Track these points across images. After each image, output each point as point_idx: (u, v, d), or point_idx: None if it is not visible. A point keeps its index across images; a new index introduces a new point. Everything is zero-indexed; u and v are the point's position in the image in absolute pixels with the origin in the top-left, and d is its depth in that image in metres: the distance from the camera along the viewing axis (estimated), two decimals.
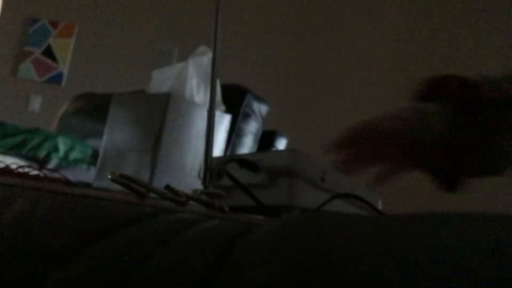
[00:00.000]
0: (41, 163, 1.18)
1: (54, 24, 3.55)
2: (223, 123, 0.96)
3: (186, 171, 0.82)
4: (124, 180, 0.34)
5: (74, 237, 0.23)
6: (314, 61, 3.25)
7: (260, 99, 1.71)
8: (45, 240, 0.23)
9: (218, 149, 0.93)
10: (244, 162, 0.51)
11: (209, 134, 0.50)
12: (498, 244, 0.15)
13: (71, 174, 1.15)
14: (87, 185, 0.92)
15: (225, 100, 1.03)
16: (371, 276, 0.15)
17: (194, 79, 0.86)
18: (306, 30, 3.29)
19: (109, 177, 0.34)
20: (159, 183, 0.77)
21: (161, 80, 0.87)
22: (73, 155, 1.22)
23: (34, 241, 0.23)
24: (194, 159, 0.84)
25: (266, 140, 1.81)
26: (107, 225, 0.24)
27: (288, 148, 0.79)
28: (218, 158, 0.53)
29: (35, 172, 0.75)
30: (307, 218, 0.20)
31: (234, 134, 1.61)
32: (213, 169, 0.50)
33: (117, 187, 0.68)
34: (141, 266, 0.21)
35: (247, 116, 1.66)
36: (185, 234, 0.23)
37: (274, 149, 1.84)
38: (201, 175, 0.49)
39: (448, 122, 0.59)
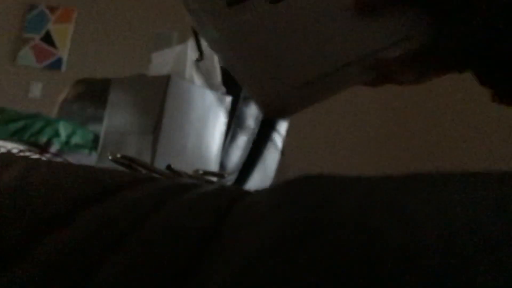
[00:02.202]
0: (43, 148, 1.18)
1: (53, 10, 3.53)
2: (223, 105, 0.96)
3: (187, 153, 0.82)
4: (125, 161, 0.34)
5: (70, 201, 0.23)
6: None
7: None
8: (41, 204, 0.22)
9: (219, 132, 0.93)
10: None
11: None
12: (503, 200, 0.15)
13: (72, 159, 1.15)
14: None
15: (225, 82, 1.02)
16: (371, 233, 0.14)
17: (192, 61, 0.86)
18: None
19: (110, 157, 0.34)
20: (161, 165, 0.77)
21: (160, 63, 0.87)
22: (75, 140, 1.22)
23: (30, 205, 0.22)
24: (195, 140, 0.84)
25: (267, 123, 1.81)
26: (104, 189, 0.23)
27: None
28: None
29: (36, 157, 0.75)
30: (307, 179, 0.19)
31: (235, 117, 1.61)
32: None
33: (119, 168, 0.68)
34: (139, 226, 0.21)
35: (247, 99, 1.65)
36: (184, 196, 0.23)
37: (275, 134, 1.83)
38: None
39: None
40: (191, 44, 0.90)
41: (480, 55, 0.39)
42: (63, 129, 1.21)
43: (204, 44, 0.88)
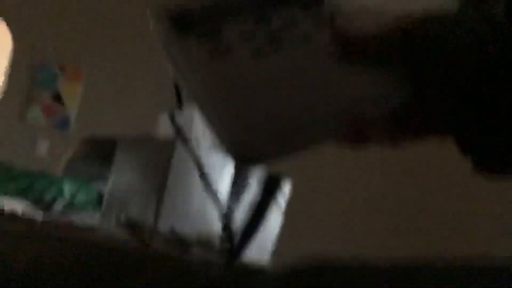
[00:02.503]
0: (47, 207, 1.18)
1: (63, 69, 3.61)
2: (228, 165, 0.96)
3: (192, 214, 0.82)
4: (129, 225, 0.34)
5: (78, 286, 0.23)
6: None
7: None
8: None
9: (223, 191, 0.93)
10: None
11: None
12: None
13: (76, 218, 1.15)
14: (92, 229, 0.91)
15: None
16: None
17: (200, 123, 0.87)
18: None
19: (114, 221, 0.34)
20: (164, 226, 0.77)
21: (167, 124, 0.88)
22: (79, 198, 1.22)
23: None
24: (199, 201, 0.84)
25: (271, 183, 1.80)
26: (110, 274, 0.24)
27: None
28: None
29: (40, 217, 0.75)
30: (310, 271, 0.19)
31: (240, 177, 1.61)
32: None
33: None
34: None
35: None
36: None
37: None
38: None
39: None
40: None
41: (463, 120, 0.37)
42: (68, 188, 1.21)
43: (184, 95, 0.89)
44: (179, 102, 0.45)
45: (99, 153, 2.00)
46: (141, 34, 3.60)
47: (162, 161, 0.79)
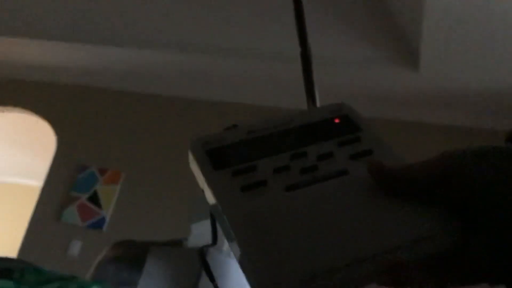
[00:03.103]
0: None
1: (103, 172, 3.70)
2: None
3: None
4: None
5: None
6: None
7: None
8: None
9: None
10: None
11: None
12: None
13: None
14: None
15: None
16: None
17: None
18: None
19: None
20: None
21: (199, 234, 0.87)
22: None
23: None
24: None
25: None
26: None
27: None
28: None
29: None
30: None
31: None
32: None
33: None
34: None
35: None
36: None
37: None
38: None
39: None
40: None
41: None
42: None
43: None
44: (214, 237, 0.45)
45: (130, 257, 1.98)
46: (183, 150, 3.70)
47: (191, 273, 0.77)
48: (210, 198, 0.38)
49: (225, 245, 0.85)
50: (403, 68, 3.08)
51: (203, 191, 0.40)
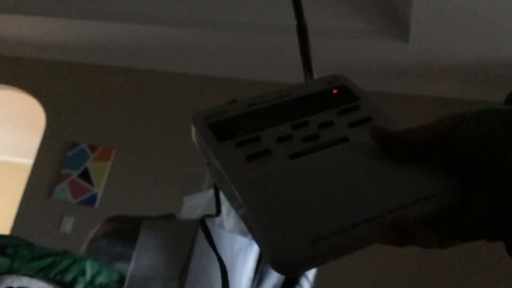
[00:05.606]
0: (68, 287, 1.17)
1: (93, 148, 3.69)
2: (253, 250, 0.95)
3: None
4: None
5: None
6: None
7: None
8: None
9: (246, 278, 0.91)
10: None
11: None
12: None
13: None
14: None
15: None
16: None
17: (225, 206, 0.86)
18: None
19: None
20: None
21: (192, 206, 0.87)
22: (100, 279, 1.20)
23: None
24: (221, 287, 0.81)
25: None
26: None
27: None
28: None
29: None
30: None
31: (262, 262, 1.58)
32: None
33: None
34: None
35: None
36: None
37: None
38: None
39: None
40: None
41: None
42: (89, 268, 1.20)
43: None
44: (217, 207, 0.46)
45: (123, 231, 1.99)
46: (173, 126, 3.69)
47: (185, 244, 0.78)
48: (216, 169, 0.39)
49: (217, 218, 0.86)
50: (392, 40, 3.07)
51: (208, 164, 0.40)
